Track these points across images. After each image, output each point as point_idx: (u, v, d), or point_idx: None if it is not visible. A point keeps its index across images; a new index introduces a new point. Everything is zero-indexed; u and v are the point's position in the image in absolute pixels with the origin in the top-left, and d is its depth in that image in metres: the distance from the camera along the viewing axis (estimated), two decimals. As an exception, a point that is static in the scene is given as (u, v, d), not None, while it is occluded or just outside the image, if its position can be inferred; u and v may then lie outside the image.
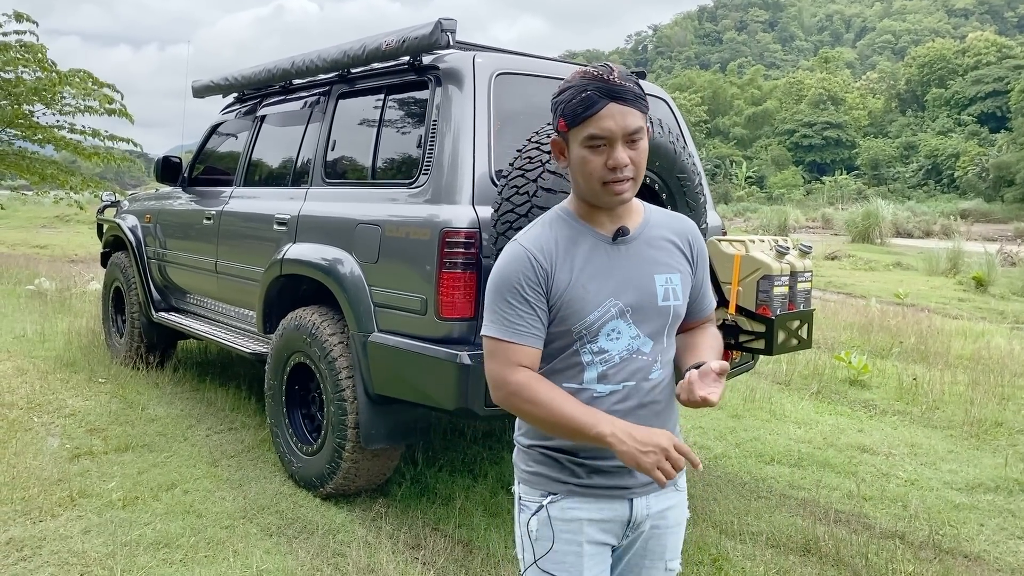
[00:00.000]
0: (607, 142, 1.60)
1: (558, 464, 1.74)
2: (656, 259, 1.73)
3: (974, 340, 8.56)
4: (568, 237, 1.70)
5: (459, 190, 3.27)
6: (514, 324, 1.67)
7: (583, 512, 1.73)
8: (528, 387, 1.65)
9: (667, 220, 1.81)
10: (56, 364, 6.10)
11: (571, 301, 1.67)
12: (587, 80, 1.60)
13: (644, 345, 1.71)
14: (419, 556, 3.26)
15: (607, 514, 1.74)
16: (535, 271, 1.66)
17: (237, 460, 4.28)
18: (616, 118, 1.58)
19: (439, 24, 3.41)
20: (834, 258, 19.71)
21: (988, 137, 61.18)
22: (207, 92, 5.47)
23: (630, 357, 1.70)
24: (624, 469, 1.71)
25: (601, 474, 1.73)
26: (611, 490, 1.74)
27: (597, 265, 1.69)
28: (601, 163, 1.61)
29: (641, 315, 1.70)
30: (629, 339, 1.70)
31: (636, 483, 1.74)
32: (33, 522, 3.46)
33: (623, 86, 1.59)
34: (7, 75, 12.64)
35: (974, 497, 4.23)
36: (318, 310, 3.83)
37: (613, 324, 1.69)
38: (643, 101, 1.62)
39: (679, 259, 1.77)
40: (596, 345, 1.69)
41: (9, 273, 11.61)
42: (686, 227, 1.82)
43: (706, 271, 1.86)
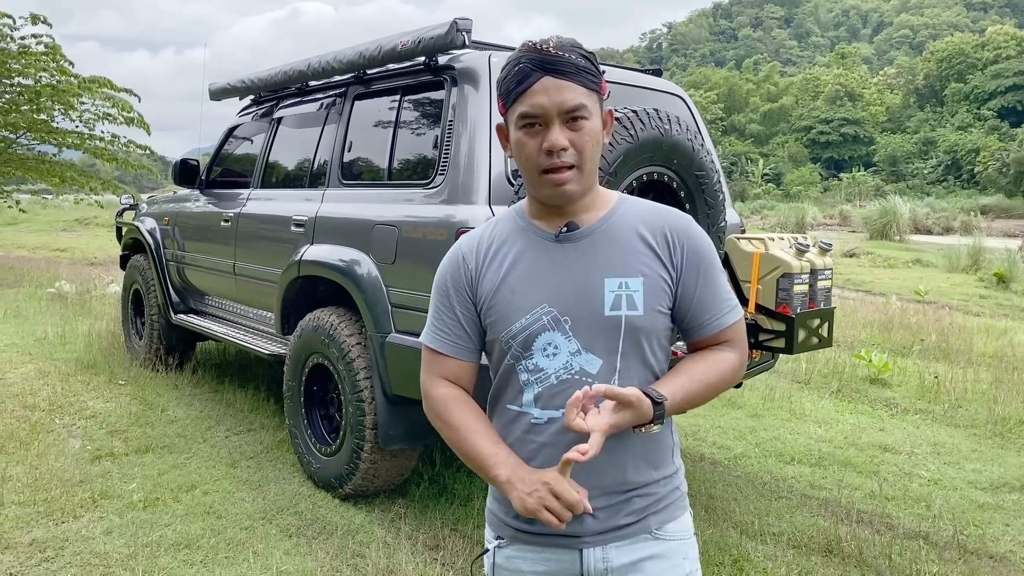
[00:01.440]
0: (541, 121, 1.37)
1: (505, 503, 1.48)
2: (610, 259, 1.43)
3: (996, 337, 8.46)
4: (508, 234, 1.50)
5: (475, 190, 3.26)
6: (439, 331, 1.52)
7: (525, 563, 1.49)
8: (443, 405, 1.48)
9: (643, 213, 1.49)
10: (77, 366, 6.16)
11: (496, 306, 1.46)
12: (522, 52, 1.39)
13: (589, 364, 1.41)
14: (438, 557, 3.26)
15: (554, 566, 1.47)
16: (462, 272, 1.50)
17: (256, 461, 4.29)
18: (550, 93, 1.36)
19: (455, 24, 3.41)
20: (853, 255, 19.54)
21: (1008, 132, 60.41)
22: (224, 95, 5.50)
23: (571, 378, 1.42)
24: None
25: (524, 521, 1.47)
26: (556, 537, 1.45)
27: (532, 266, 1.45)
28: (536, 146, 1.39)
29: (582, 326, 1.41)
30: (568, 355, 1.42)
31: (586, 530, 1.44)
32: (56, 523, 3.49)
33: (559, 56, 1.36)
34: (27, 81, 12.77)
35: (999, 497, 4.18)
36: (336, 311, 3.83)
37: (548, 336, 1.42)
38: (588, 75, 1.39)
39: (647, 260, 1.44)
40: (532, 362, 1.44)
41: (30, 276, 11.73)
42: (668, 221, 1.48)
43: (708, 275, 1.48)
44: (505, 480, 1.38)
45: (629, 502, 1.46)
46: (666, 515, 1.50)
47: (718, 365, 1.49)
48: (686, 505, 1.57)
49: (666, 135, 3.11)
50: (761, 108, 79.23)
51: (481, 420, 1.49)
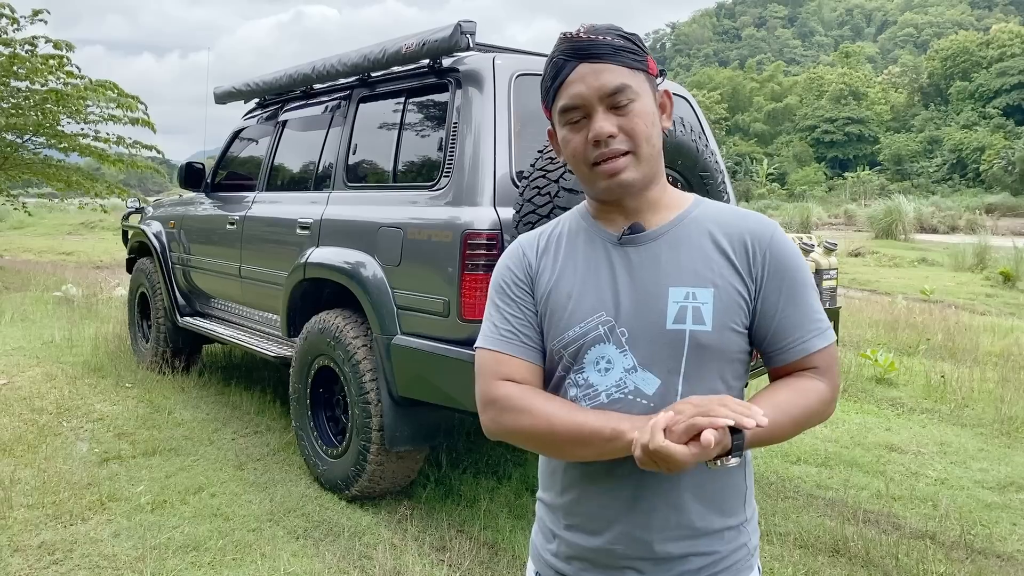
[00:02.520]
0: (584, 111, 1.26)
1: (546, 535, 1.37)
2: (679, 266, 1.27)
3: (1003, 336, 8.43)
4: (568, 233, 1.36)
5: (480, 192, 3.27)
6: (499, 330, 1.34)
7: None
8: (516, 399, 1.27)
9: (721, 216, 1.32)
10: (84, 369, 6.18)
11: (551, 310, 1.31)
12: (554, 46, 1.29)
13: (644, 384, 1.24)
14: (445, 558, 3.27)
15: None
16: (521, 265, 1.36)
17: (263, 463, 4.30)
18: (587, 79, 1.24)
19: (459, 27, 3.41)
20: (858, 255, 19.51)
21: (1014, 130, 60.22)
22: (229, 98, 5.52)
23: (623, 398, 1.25)
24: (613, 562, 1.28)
25: (581, 562, 1.31)
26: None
27: (592, 270, 1.30)
28: (582, 140, 1.26)
29: (640, 341, 1.25)
30: (622, 372, 1.26)
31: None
32: (64, 526, 3.50)
33: (591, 39, 1.25)
34: (34, 85, 12.83)
35: (1006, 496, 4.17)
36: (341, 313, 3.84)
37: (601, 349, 1.26)
38: (629, 54, 1.26)
39: (721, 268, 1.26)
40: (582, 376, 1.28)
41: (37, 280, 11.78)
42: (751, 227, 1.30)
43: (795, 290, 1.29)
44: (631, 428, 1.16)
45: (685, 560, 1.27)
46: (731, 573, 1.31)
47: (806, 396, 1.27)
48: (753, 564, 1.36)
49: (670, 136, 3.12)
50: (765, 108, 79.12)
51: (569, 402, 1.28)
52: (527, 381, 1.31)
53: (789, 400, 1.25)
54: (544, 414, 1.24)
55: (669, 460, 1.09)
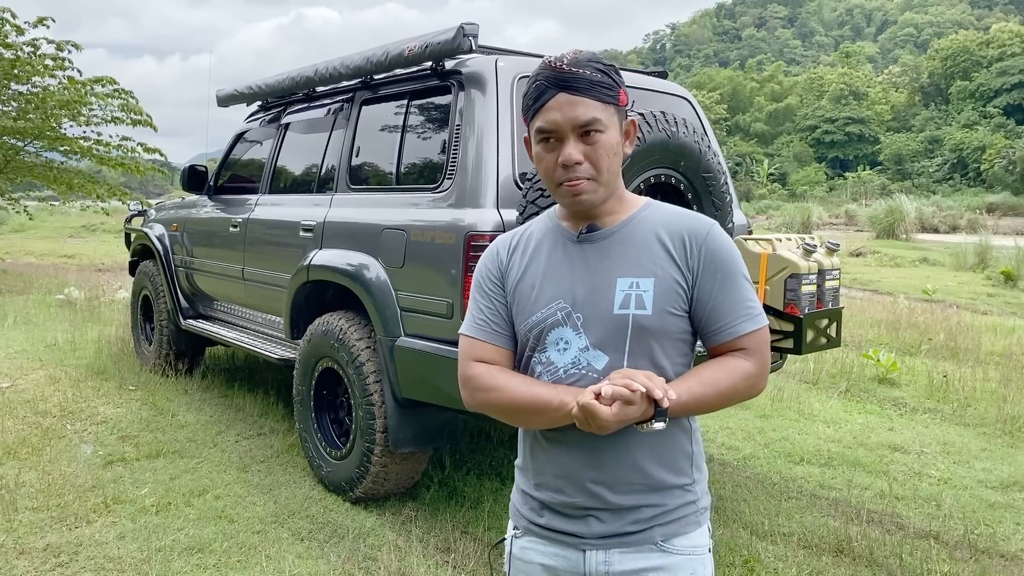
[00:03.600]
0: (556, 136, 1.43)
1: (521, 494, 1.60)
2: (626, 259, 1.47)
3: (1005, 336, 8.44)
4: (539, 233, 1.57)
5: (483, 193, 3.28)
6: (475, 319, 1.57)
7: (537, 555, 1.55)
8: (484, 376, 1.51)
9: (666, 217, 1.52)
10: (87, 372, 6.19)
11: (519, 299, 1.53)
12: (540, 69, 1.45)
13: (595, 360, 1.46)
14: (449, 560, 3.27)
15: (560, 562, 1.52)
16: (496, 263, 1.58)
17: (267, 465, 4.31)
18: (563, 109, 1.41)
19: (461, 29, 3.42)
20: (859, 255, 19.51)
21: (1015, 129, 60.21)
22: (231, 101, 5.53)
23: (578, 373, 1.46)
24: (577, 512, 1.49)
25: (552, 512, 1.53)
26: (562, 535, 1.52)
27: (553, 264, 1.52)
28: (553, 160, 1.45)
29: (592, 323, 1.46)
30: (577, 351, 1.47)
31: (589, 532, 1.49)
32: (69, 528, 3.51)
33: (573, 73, 1.41)
34: (35, 89, 12.84)
35: (1009, 496, 4.17)
36: (345, 315, 3.85)
37: (560, 332, 1.48)
38: (604, 89, 1.42)
39: (661, 261, 1.46)
40: (545, 355, 1.50)
41: (39, 283, 11.79)
42: (689, 225, 1.49)
43: (728, 280, 1.47)
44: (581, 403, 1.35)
45: (637, 510, 1.48)
46: (675, 528, 1.50)
47: (730, 372, 1.46)
48: (701, 521, 1.55)
49: (673, 138, 3.13)
50: (766, 108, 79.13)
51: (531, 378, 1.51)
52: (496, 362, 1.54)
53: (714, 376, 1.45)
54: (507, 388, 1.49)
55: (595, 418, 1.32)
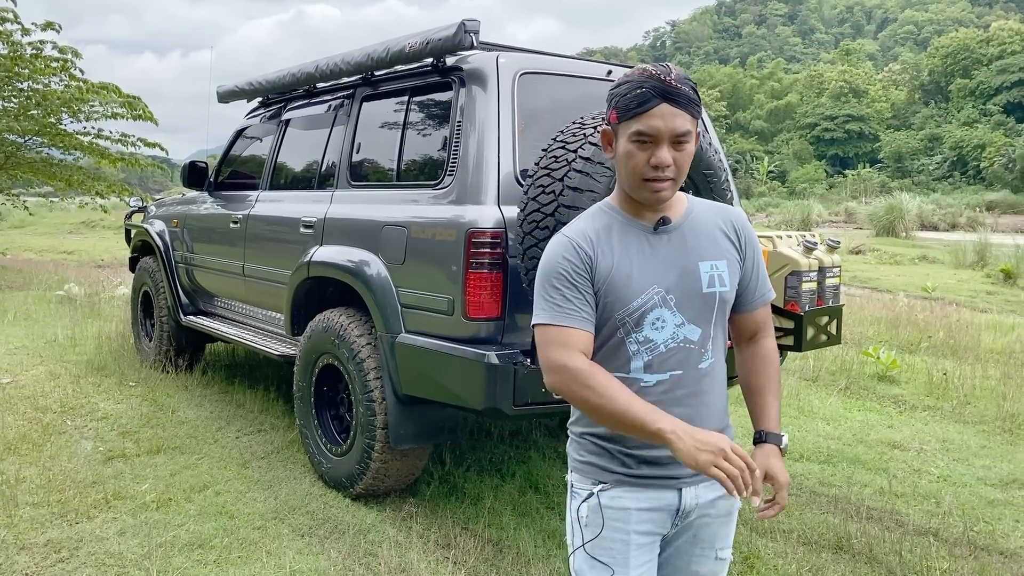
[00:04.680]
0: (653, 140, 1.61)
1: (608, 454, 1.76)
2: (701, 246, 1.74)
3: (1004, 333, 8.44)
4: (609, 227, 1.72)
5: (484, 190, 3.28)
6: (563, 308, 1.68)
7: (632, 502, 1.74)
8: (588, 374, 1.64)
9: (713, 208, 1.83)
10: (87, 368, 6.19)
11: (614, 288, 1.68)
12: (645, 77, 1.62)
13: (691, 333, 1.71)
14: (449, 556, 3.28)
15: (656, 503, 1.75)
16: (579, 257, 1.69)
17: (267, 461, 4.32)
18: (666, 118, 1.60)
19: (462, 25, 3.42)
20: (859, 252, 19.51)
21: (1015, 127, 60.11)
22: (232, 97, 5.53)
23: (677, 346, 1.71)
24: (674, 460, 1.67)
25: (650, 464, 1.73)
26: (661, 480, 1.74)
27: (639, 253, 1.70)
28: (644, 159, 1.63)
29: (685, 302, 1.70)
30: (674, 327, 1.70)
31: (685, 473, 1.73)
32: (70, 524, 3.51)
33: (678, 88, 1.60)
34: (37, 86, 12.81)
35: (1009, 493, 4.18)
36: (346, 312, 3.85)
37: (657, 312, 1.69)
38: (696, 106, 1.64)
39: (726, 246, 1.77)
40: (641, 334, 1.69)
41: (39, 279, 11.79)
42: (733, 215, 1.82)
43: (758, 259, 1.84)
44: (671, 431, 1.56)
45: None
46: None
47: (773, 364, 1.87)
48: None
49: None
50: (766, 105, 79.05)
51: (621, 384, 1.66)
52: (587, 349, 1.69)
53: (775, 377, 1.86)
54: (607, 394, 1.61)
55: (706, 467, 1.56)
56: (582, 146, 2.93)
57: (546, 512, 3.77)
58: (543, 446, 4.65)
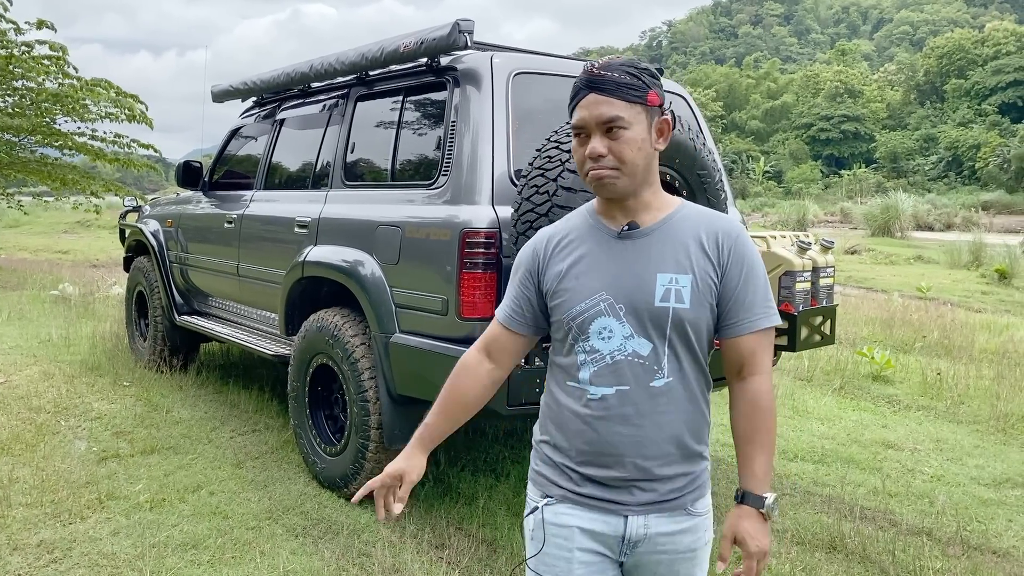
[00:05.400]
0: (586, 132, 1.59)
1: (557, 467, 1.69)
2: (664, 256, 1.60)
3: (999, 333, 8.47)
4: (578, 229, 1.69)
5: (479, 190, 3.28)
6: (506, 303, 1.77)
7: (575, 520, 1.66)
8: (454, 373, 1.78)
9: (699, 217, 1.66)
10: (81, 368, 6.17)
11: (562, 291, 1.65)
12: (579, 73, 1.63)
13: (640, 347, 1.59)
14: (444, 556, 3.28)
15: (600, 526, 1.65)
16: (532, 257, 1.72)
17: (261, 461, 4.31)
18: (591, 107, 1.57)
19: (457, 25, 3.42)
20: (854, 252, 19.54)
21: (1009, 127, 60.28)
22: (227, 97, 5.52)
23: (624, 359, 1.60)
24: (622, 484, 1.63)
25: (595, 484, 1.65)
26: (605, 503, 1.64)
27: (596, 259, 1.64)
28: (583, 153, 1.61)
29: (635, 314, 1.59)
30: (622, 339, 1.60)
31: (633, 500, 1.63)
32: (63, 524, 3.51)
33: (602, 75, 1.56)
34: (30, 84, 12.78)
35: (1002, 492, 4.19)
36: (340, 312, 3.85)
37: (603, 321, 1.60)
38: (629, 89, 1.56)
39: (698, 259, 1.60)
40: (588, 343, 1.62)
41: (33, 278, 11.75)
42: (720, 226, 1.64)
43: (749, 277, 1.62)
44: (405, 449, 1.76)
45: (673, 479, 1.64)
46: (698, 493, 1.69)
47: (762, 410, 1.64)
48: (709, 481, 1.75)
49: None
50: (762, 105, 79.14)
51: (454, 392, 1.76)
52: (504, 347, 1.75)
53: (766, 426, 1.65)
54: (441, 392, 1.78)
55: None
56: (576, 146, 2.93)
57: (540, 512, 3.76)
58: (538, 446, 4.65)
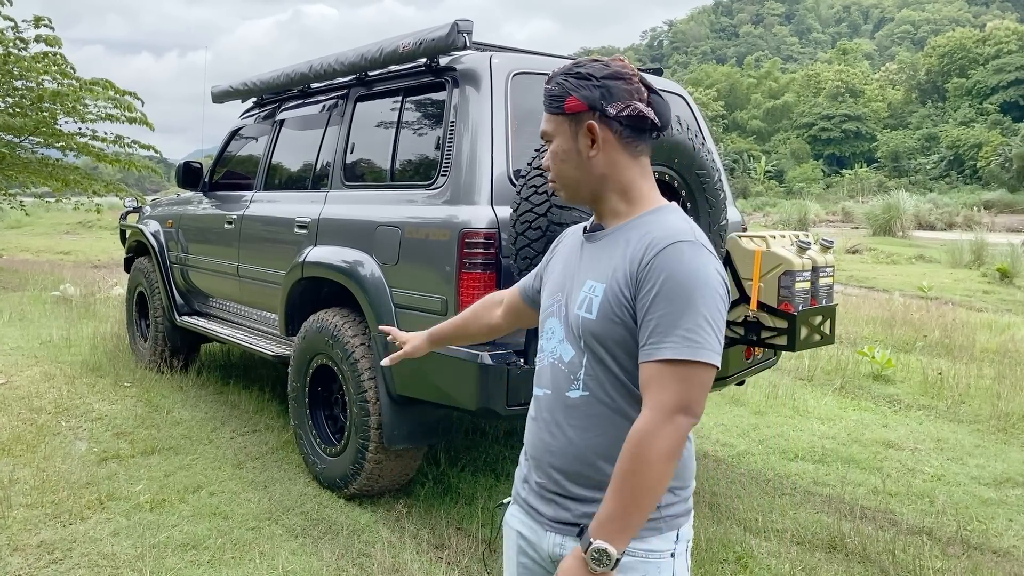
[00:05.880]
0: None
1: (521, 466, 1.67)
2: (598, 262, 1.51)
3: (1000, 333, 8.46)
4: (579, 230, 1.68)
5: (478, 190, 3.28)
6: (528, 275, 1.87)
7: (517, 523, 1.63)
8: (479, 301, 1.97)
9: (644, 226, 1.49)
10: (82, 369, 6.18)
11: (544, 285, 1.70)
12: None
13: (565, 352, 1.54)
14: (443, 556, 3.28)
15: (530, 535, 1.58)
16: (551, 246, 1.77)
17: (262, 462, 4.31)
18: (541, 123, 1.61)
19: (455, 25, 3.42)
20: (855, 252, 19.53)
21: (1011, 126, 60.25)
22: (226, 97, 5.52)
23: (552, 363, 1.56)
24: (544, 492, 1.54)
25: (528, 488, 1.60)
26: (531, 509, 1.58)
27: (565, 259, 1.64)
28: None
29: (566, 319, 1.55)
30: (556, 342, 1.57)
31: (550, 514, 1.54)
32: (63, 525, 3.51)
33: (546, 89, 1.57)
34: (30, 83, 12.79)
35: (1002, 492, 4.19)
36: (340, 312, 3.85)
37: (552, 322, 1.59)
38: (551, 100, 1.55)
39: (618, 270, 1.46)
40: (541, 341, 1.62)
41: (35, 279, 11.76)
42: (654, 235, 1.44)
43: (662, 298, 1.38)
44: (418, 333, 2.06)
45: (592, 503, 1.46)
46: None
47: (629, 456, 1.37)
48: (663, 528, 1.48)
49: (667, 135, 3.12)
50: (763, 105, 79.09)
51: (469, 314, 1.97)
52: (514, 307, 1.88)
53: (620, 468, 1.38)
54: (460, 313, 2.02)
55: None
56: (575, 146, 2.93)
57: (540, 512, 3.76)
58: (538, 446, 4.65)
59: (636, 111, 1.49)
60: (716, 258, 1.43)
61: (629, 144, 1.52)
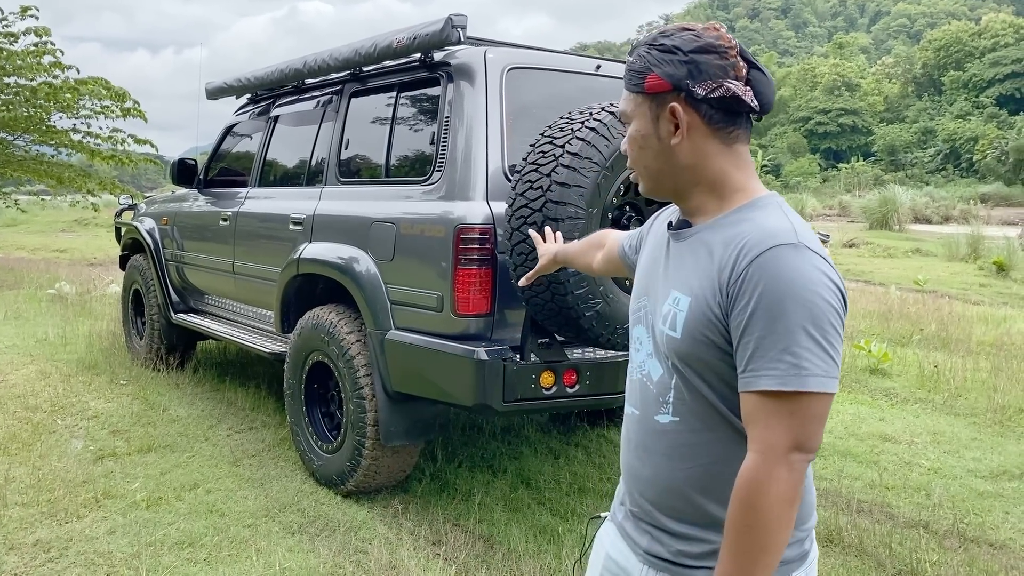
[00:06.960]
0: None
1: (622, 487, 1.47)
2: (684, 269, 1.29)
3: (996, 326, 8.47)
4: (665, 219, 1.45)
5: (473, 186, 3.27)
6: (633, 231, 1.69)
7: (608, 540, 1.47)
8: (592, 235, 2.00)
9: (736, 226, 1.25)
10: (78, 367, 6.16)
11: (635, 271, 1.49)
12: None
13: (653, 371, 1.32)
14: (440, 552, 3.27)
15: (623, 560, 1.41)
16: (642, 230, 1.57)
17: (258, 459, 4.31)
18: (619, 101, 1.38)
19: (449, 20, 3.40)
20: (852, 245, 19.54)
21: (1007, 120, 60.33)
22: (220, 94, 5.50)
23: (640, 379, 1.36)
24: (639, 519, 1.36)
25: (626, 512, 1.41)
26: (627, 536, 1.40)
27: (651, 257, 1.40)
28: None
29: (653, 332, 1.34)
30: (645, 355, 1.35)
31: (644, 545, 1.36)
32: (59, 523, 3.50)
33: (627, 61, 1.34)
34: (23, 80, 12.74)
35: (999, 485, 4.19)
36: (335, 309, 3.84)
37: (639, 330, 1.37)
38: (630, 75, 1.31)
39: (705, 280, 1.23)
40: (631, 349, 1.42)
41: (30, 277, 11.73)
42: (742, 243, 1.20)
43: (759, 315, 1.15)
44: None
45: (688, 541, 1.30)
46: None
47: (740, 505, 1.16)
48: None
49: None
50: (759, 99, 78.95)
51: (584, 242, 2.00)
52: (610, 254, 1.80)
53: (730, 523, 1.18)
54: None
55: None
56: (569, 141, 2.92)
57: (537, 508, 3.76)
58: (535, 442, 4.65)
59: (729, 92, 1.24)
60: (826, 260, 1.19)
61: (720, 130, 1.28)
